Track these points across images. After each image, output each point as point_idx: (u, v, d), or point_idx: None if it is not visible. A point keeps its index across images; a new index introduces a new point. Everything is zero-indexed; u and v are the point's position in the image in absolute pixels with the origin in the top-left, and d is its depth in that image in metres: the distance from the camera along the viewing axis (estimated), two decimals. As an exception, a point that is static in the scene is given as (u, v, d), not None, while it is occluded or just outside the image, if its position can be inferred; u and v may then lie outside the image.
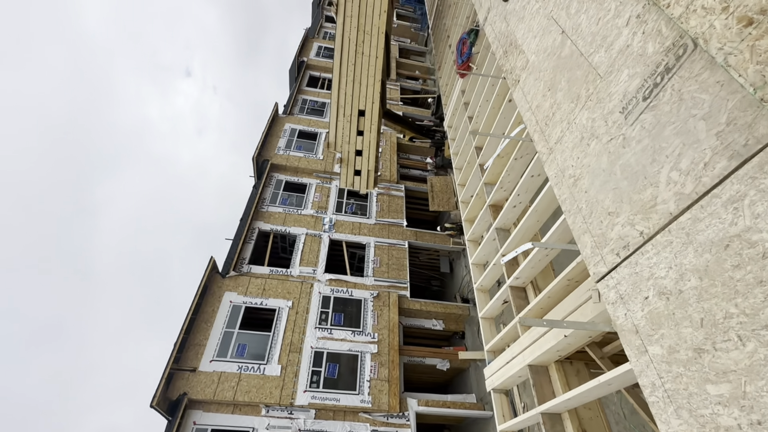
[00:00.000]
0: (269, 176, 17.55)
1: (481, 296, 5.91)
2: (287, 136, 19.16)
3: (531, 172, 4.66)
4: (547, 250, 4.21)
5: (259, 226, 15.93)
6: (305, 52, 24.33)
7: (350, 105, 7.21)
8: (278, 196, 17.11)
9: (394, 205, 17.90)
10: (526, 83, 4.79)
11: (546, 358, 4.02)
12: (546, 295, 4.03)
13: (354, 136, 7.31)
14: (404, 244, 16.63)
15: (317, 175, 18.09)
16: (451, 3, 9.89)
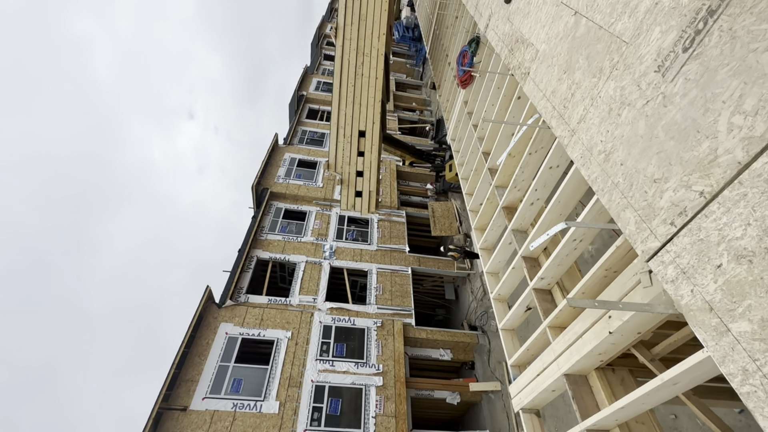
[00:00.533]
0: (268, 204, 17.25)
1: (499, 306, 5.39)
2: (287, 165, 19.09)
3: (549, 164, 4.33)
4: (575, 242, 3.79)
5: (257, 254, 15.41)
6: (305, 86, 24.90)
7: (350, 126, 7.05)
8: (277, 223, 16.73)
9: (395, 231, 17.49)
10: (537, 73, 4.57)
11: (585, 364, 3.48)
12: (579, 290, 3.56)
13: (354, 157, 7.09)
14: (407, 270, 16.05)
15: (317, 203, 17.81)
16: (449, 24, 10.06)
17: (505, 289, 5.28)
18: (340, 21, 7.05)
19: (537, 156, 4.82)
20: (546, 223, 4.35)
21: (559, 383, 3.75)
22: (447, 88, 9.57)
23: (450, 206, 18.50)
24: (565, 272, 4.48)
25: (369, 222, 17.58)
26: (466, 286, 16.69)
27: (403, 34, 29.83)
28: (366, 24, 7.39)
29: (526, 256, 4.74)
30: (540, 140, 4.69)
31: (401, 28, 30.06)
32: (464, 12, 8.50)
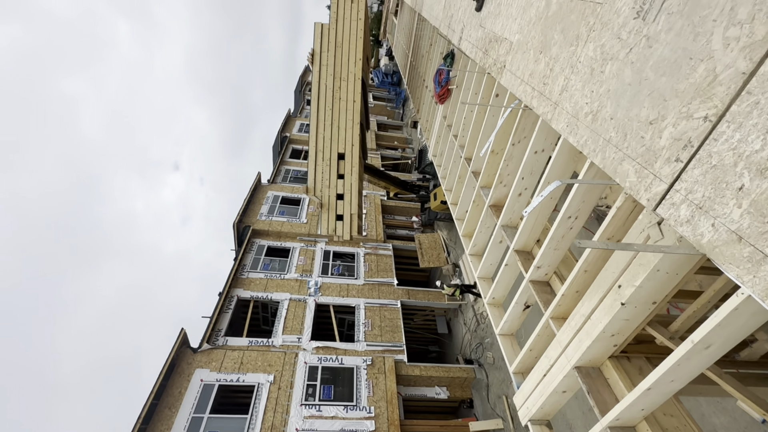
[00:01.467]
0: (250, 242, 16.65)
1: (495, 311, 4.93)
2: (270, 202, 18.76)
3: (533, 149, 4.15)
4: (570, 219, 3.49)
5: (237, 293, 14.55)
6: (288, 128, 25.29)
7: (329, 149, 6.91)
8: (260, 261, 16.03)
9: (382, 264, 16.95)
10: (513, 62, 4.53)
11: (598, 351, 3.04)
12: (582, 268, 3.20)
13: (334, 179, 6.88)
14: (396, 303, 15.34)
15: (301, 239, 17.30)
16: (424, 53, 10.42)
17: (499, 291, 4.86)
18: (316, 48, 7.14)
19: (520, 146, 4.65)
20: (537, 210, 4.08)
21: (571, 380, 3.26)
22: (426, 109, 9.68)
23: (437, 237, 18.22)
24: (562, 261, 4.14)
25: (355, 256, 17.06)
26: (458, 318, 15.98)
27: (383, 80, 31.22)
28: (342, 50, 7.49)
29: (519, 249, 4.40)
30: (522, 129, 4.55)
31: (380, 75, 31.52)
32: (437, 39, 8.80)
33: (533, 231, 4.28)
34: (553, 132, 3.87)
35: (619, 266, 2.70)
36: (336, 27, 7.59)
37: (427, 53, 9.90)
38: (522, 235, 4.30)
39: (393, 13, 20.30)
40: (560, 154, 3.57)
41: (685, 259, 2.41)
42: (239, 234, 16.85)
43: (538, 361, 3.77)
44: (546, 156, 4.14)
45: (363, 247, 17.42)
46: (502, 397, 11.80)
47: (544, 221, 4.22)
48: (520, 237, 4.33)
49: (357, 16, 7.27)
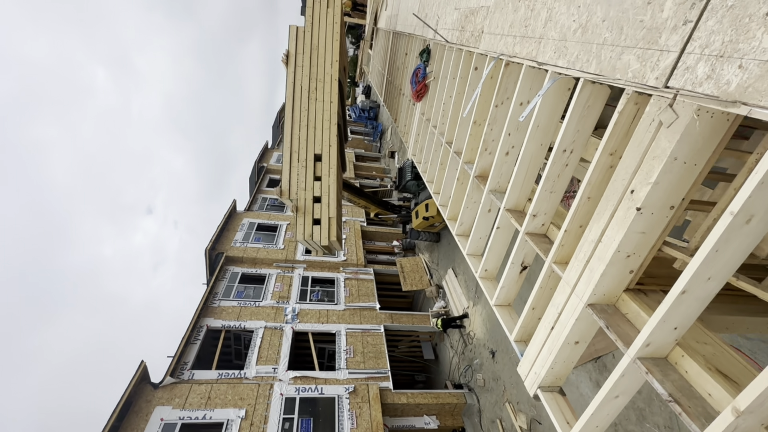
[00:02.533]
0: (223, 269, 15.68)
1: (488, 284, 4.50)
2: (245, 229, 18.02)
3: (518, 101, 3.98)
4: (566, 154, 3.23)
5: (208, 323, 13.39)
6: (265, 159, 25.09)
7: (305, 150, 6.63)
8: (233, 289, 15.02)
9: (364, 288, 16.23)
10: (492, 23, 4.49)
11: (612, 281, 2.66)
12: (584, 194, 2.90)
13: (311, 181, 6.54)
14: (379, 328, 14.48)
15: (278, 265, 16.48)
16: (399, 64, 10.63)
17: (491, 261, 4.47)
18: (291, 49, 7.07)
19: (503, 108, 4.49)
20: (527, 161, 3.83)
21: (584, 324, 2.83)
22: (403, 114, 9.68)
23: (418, 261, 17.80)
24: (558, 215, 3.84)
25: (335, 281, 16.31)
26: (444, 342, 15.18)
27: (360, 115, 32.03)
28: (318, 53, 7.45)
29: (511, 208, 4.08)
30: (504, 90, 4.41)
31: (357, 110, 32.39)
32: (412, 46, 9.01)
33: (524, 186, 4.00)
34: (538, 77, 3.72)
35: (630, 169, 2.41)
36: (312, 30, 7.60)
37: (402, 64, 10.08)
38: (512, 192, 4.01)
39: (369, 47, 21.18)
40: (548, 94, 3.39)
41: (703, 143, 2.15)
42: (212, 261, 15.90)
43: (541, 320, 3.33)
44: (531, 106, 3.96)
45: (343, 272, 16.74)
46: (496, 421, 10.91)
47: (535, 174, 3.96)
48: (511, 195, 4.03)
49: (333, 20, 7.31)
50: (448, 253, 15.56)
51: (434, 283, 16.29)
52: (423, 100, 7.73)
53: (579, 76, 2.94)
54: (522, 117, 2.53)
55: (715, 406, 2.03)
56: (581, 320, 2.80)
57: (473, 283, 13.29)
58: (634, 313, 2.63)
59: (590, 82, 2.91)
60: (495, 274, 4.58)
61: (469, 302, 13.47)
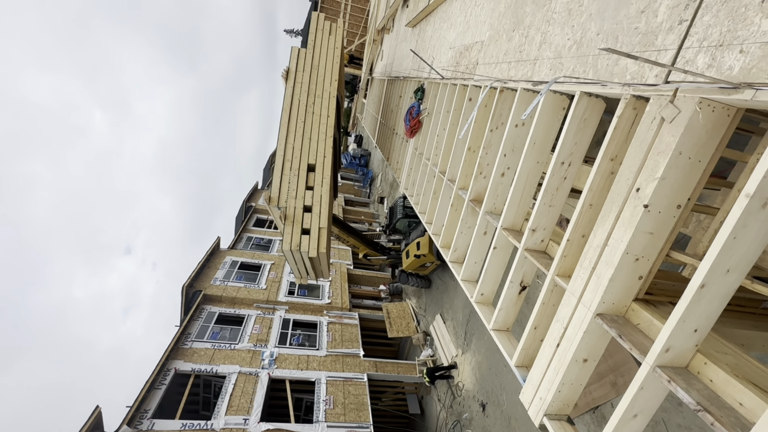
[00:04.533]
0: (200, 308, 14.85)
1: (485, 309, 4.27)
2: (227, 267, 17.40)
3: (513, 122, 4.08)
4: (564, 166, 3.23)
5: (176, 366, 12.36)
6: (254, 199, 25.00)
7: (298, 159, 6.61)
8: (208, 329, 14.12)
9: (347, 333, 15.49)
10: (486, 54, 4.73)
11: (621, 288, 2.52)
12: (586, 201, 2.85)
13: (302, 190, 6.44)
14: (362, 377, 13.60)
15: (258, 306, 15.73)
16: (393, 107, 11.08)
17: (488, 284, 4.28)
18: (291, 66, 7.32)
19: (498, 132, 4.59)
20: (524, 178, 3.83)
21: (593, 337, 2.63)
22: (396, 152, 9.89)
23: (405, 306, 17.27)
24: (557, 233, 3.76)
25: (318, 325, 15.56)
26: (431, 395, 14.26)
27: (351, 161, 32.81)
28: (318, 72, 7.70)
29: (508, 227, 4.00)
30: (499, 116, 4.54)
31: (349, 157, 33.23)
32: (406, 89, 9.45)
33: (521, 205, 3.96)
34: (533, 99, 3.84)
35: (634, 167, 2.38)
36: (313, 52, 7.87)
37: (396, 106, 10.50)
38: (509, 211, 3.95)
39: (363, 96, 22.24)
40: (543, 109, 3.48)
41: (707, 138, 2.15)
42: (188, 299, 15.09)
43: (545, 338, 3.11)
44: (527, 130, 4.05)
45: (327, 315, 16.06)
46: (488, 484, 9.92)
47: (532, 193, 3.94)
48: (508, 214, 3.97)
49: (334, 45, 7.64)
50: (436, 298, 15.17)
51: (421, 330, 15.68)
52: (416, 136, 7.94)
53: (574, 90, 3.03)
54: (524, 115, 2.53)
55: (748, 415, 1.82)
56: (590, 332, 2.61)
57: (462, 329, 12.82)
58: (646, 323, 2.46)
59: (586, 95, 2.99)
60: (492, 298, 4.37)
61: (458, 350, 12.89)
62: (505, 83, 4.23)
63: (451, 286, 14.02)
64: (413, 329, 15.89)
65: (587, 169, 3.64)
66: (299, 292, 17.13)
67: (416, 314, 16.61)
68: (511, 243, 3.91)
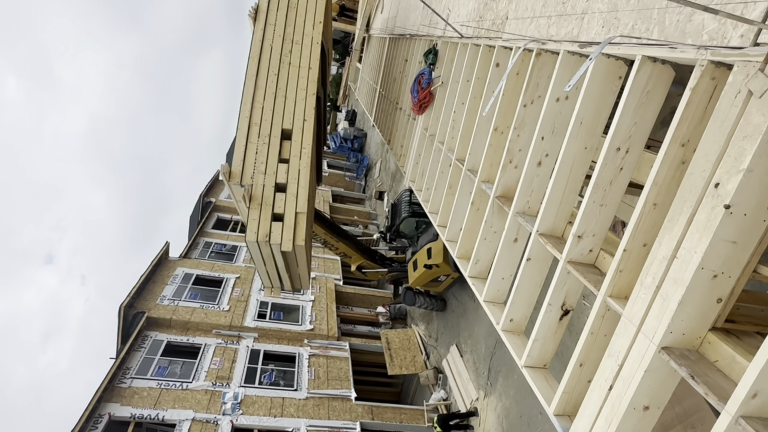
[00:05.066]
0: (142, 336, 14.91)
1: (514, 339, 4.27)
2: (178, 282, 17.46)
3: (554, 96, 4.08)
4: (620, 153, 3.23)
5: (111, 410, 12.39)
6: (214, 193, 25.04)
7: (269, 122, 6.53)
8: (153, 363, 14.18)
9: (335, 369, 15.56)
10: (518, 6, 4.77)
11: (693, 313, 2.51)
12: (650, 200, 2.85)
13: (274, 163, 6.37)
14: (354, 426, 13.65)
15: (219, 333, 15.78)
16: (396, 75, 11.10)
17: (519, 307, 4.28)
18: (262, 4, 7.23)
19: (534, 107, 4.60)
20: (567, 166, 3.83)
21: (657, 377, 2.63)
22: (399, 134, 9.92)
23: (411, 334, 17.33)
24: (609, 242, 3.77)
25: (296, 358, 15.61)
26: (443, 450, 14.27)
27: (341, 145, 32.88)
28: (297, 11, 7.59)
29: (546, 232, 4.01)
30: (535, 86, 4.55)
31: (338, 139, 33.29)
32: (414, 51, 9.48)
33: (563, 204, 3.96)
34: (580, 64, 3.84)
35: (711, 156, 2.38)
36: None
37: (400, 73, 10.54)
38: (548, 211, 3.95)
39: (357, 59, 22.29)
40: (593, 78, 3.47)
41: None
42: (127, 324, 15.12)
43: (594, 379, 3.11)
44: (571, 105, 4.05)
45: (308, 345, 16.16)
46: None
47: (577, 189, 3.95)
48: (545, 216, 3.97)
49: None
50: (451, 324, 15.20)
51: (432, 366, 15.72)
52: (426, 111, 7.95)
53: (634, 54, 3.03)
54: (569, 86, 2.53)
55: None
56: (653, 371, 2.61)
57: (485, 365, 12.84)
58: (726, 359, 2.46)
59: (650, 60, 2.99)
60: (524, 325, 4.38)
61: (479, 392, 12.92)
62: (543, 44, 4.24)
63: (470, 309, 14.04)
64: (421, 365, 15.93)
65: (650, 158, 3.64)
66: (272, 315, 17.18)
67: (425, 345, 16.65)
68: (549, 253, 3.92)
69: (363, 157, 31.95)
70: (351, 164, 32.76)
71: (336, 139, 33.44)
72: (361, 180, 31.58)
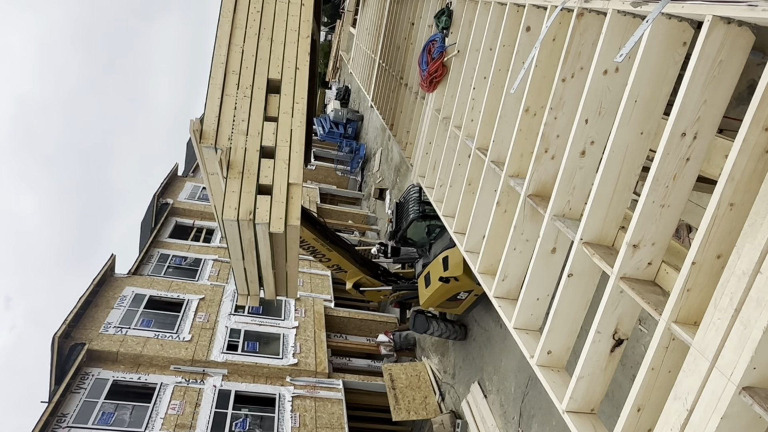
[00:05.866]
0: (82, 373, 15.02)
1: (555, 378, 4.27)
2: (127, 305, 17.59)
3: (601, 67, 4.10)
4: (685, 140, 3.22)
5: (42, 469, 12.41)
6: (171, 193, 25.14)
7: (251, 70, 6.40)
8: (95, 408, 14.31)
9: (325, 415, 15.67)
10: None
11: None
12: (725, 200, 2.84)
13: (258, 122, 6.21)
14: (351, 487, 13.66)
15: (178, 369, 15.86)
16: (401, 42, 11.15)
17: (558, 336, 4.27)
18: None
19: (576, 82, 4.62)
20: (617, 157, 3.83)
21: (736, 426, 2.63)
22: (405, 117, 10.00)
23: (421, 369, 17.38)
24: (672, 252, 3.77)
25: (276, 401, 15.67)
26: None
27: (331, 130, 32.95)
28: None
29: (592, 240, 4.01)
30: (577, 54, 4.57)
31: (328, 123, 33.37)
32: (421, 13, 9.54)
33: (613, 206, 3.96)
34: (633, 28, 3.85)
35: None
36: None
37: (405, 40, 10.63)
38: (594, 215, 3.94)
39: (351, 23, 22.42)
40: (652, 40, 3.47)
41: None
42: (63, 358, 15.20)
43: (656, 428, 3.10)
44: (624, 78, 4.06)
45: (291, 383, 16.21)
46: None
47: (632, 184, 3.95)
48: (591, 220, 3.96)
49: None
50: (471, 355, 15.21)
51: (448, 409, 15.76)
52: (439, 88, 7.99)
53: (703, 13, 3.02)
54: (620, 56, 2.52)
55: None
56: (732, 418, 2.62)
57: (515, 408, 12.84)
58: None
59: (722, 21, 2.99)
60: (565, 358, 4.38)
61: (509, 442, 12.94)
62: (586, 2, 4.24)
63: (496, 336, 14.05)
64: (434, 408, 15.98)
65: (724, 145, 3.64)
66: (246, 346, 17.22)
67: (439, 383, 16.69)
68: (597, 267, 3.94)
69: (359, 146, 31.98)
70: (344, 155, 32.83)
71: (324, 123, 33.47)
72: (357, 175, 31.64)
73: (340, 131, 33.29)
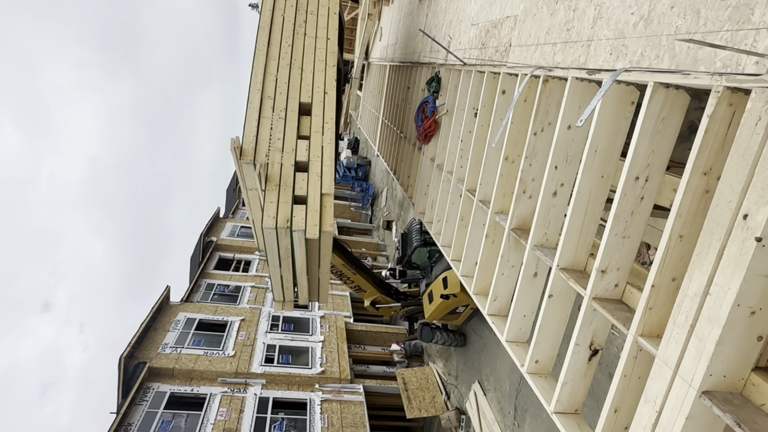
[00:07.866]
0: (144, 388, 14.79)
1: (543, 383, 4.19)
2: (180, 328, 17.41)
3: (565, 123, 4.12)
4: (638, 182, 3.23)
5: (113, 472, 12.18)
6: (215, 232, 25.21)
7: (285, 95, 6.18)
8: (156, 418, 14.03)
9: (349, 415, 15.30)
10: (522, 34, 4.88)
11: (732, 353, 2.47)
12: (675, 232, 2.84)
13: (292, 140, 6.05)
14: (374, 478, 13.28)
15: (224, 381, 15.62)
16: (399, 102, 11.28)
17: (544, 348, 4.21)
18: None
19: (545, 135, 4.64)
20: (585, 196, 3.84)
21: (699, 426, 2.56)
22: (405, 164, 10.03)
23: (429, 372, 17.06)
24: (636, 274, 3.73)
25: (308, 405, 15.36)
26: (472, 499, 13.84)
27: (345, 174, 33.14)
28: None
29: (567, 266, 3.98)
30: (544, 114, 4.60)
31: (342, 168, 33.59)
32: (416, 78, 9.67)
33: (583, 236, 3.94)
34: (589, 92, 3.90)
35: (737, 184, 2.38)
36: None
37: (403, 101, 10.74)
38: (567, 244, 3.93)
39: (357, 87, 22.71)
40: (605, 106, 3.52)
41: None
42: (128, 375, 15.03)
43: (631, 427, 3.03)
44: (583, 133, 4.09)
45: (319, 390, 15.91)
46: None
47: (596, 219, 3.94)
48: (565, 249, 3.95)
49: None
50: (471, 359, 14.94)
51: (453, 407, 15.39)
52: (432, 140, 8.04)
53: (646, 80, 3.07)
54: (581, 121, 2.56)
55: None
56: (695, 418, 2.54)
57: (510, 403, 12.54)
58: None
59: (662, 86, 3.03)
60: (550, 366, 4.30)
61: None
62: (549, 71, 4.31)
63: (491, 342, 13.81)
64: (441, 405, 15.62)
65: (673, 181, 3.64)
66: (281, 359, 17.00)
67: (444, 383, 16.36)
68: (572, 288, 3.88)
69: (368, 186, 32.14)
70: (356, 194, 32.94)
71: (339, 168, 33.76)
72: (367, 210, 31.68)
73: (352, 174, 33.48)
